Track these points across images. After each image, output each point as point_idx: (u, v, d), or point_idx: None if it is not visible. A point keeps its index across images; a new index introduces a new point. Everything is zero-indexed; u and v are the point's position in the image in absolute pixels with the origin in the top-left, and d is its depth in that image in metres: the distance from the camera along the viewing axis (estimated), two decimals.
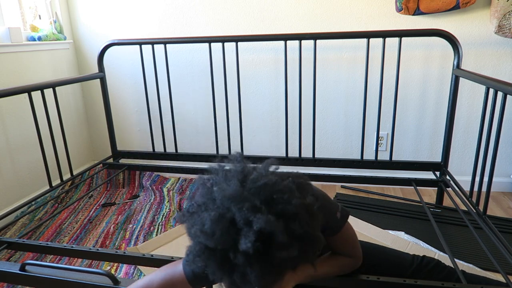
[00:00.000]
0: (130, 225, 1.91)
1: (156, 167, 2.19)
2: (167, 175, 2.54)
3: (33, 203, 2.02)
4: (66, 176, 2.17)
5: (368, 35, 1.79)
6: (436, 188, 2.00)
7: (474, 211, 1.50)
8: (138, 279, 1.46)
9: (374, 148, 1.99)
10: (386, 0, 2.02)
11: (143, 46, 2.14)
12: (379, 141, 2.25)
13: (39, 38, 2.16)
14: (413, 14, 1.95)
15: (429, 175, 1.98)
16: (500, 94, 1.32)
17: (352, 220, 1.36)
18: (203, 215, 0.65)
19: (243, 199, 0.63)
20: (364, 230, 1.68)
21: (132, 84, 2.46)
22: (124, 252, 1.26)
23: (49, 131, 1.80)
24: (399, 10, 1.96)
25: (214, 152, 2.43)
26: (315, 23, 2.12)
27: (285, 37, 1.87)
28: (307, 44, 2.07)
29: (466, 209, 1.65)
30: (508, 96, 1.42)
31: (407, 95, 2.15)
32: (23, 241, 1.35)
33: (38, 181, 2.19)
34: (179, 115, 2.45)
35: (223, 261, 0.64)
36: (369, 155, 2.21)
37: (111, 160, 2.28)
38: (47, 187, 1.85)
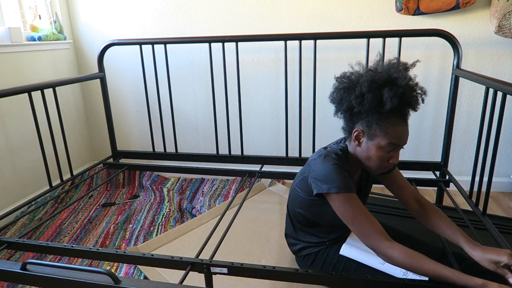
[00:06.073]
0: (130, 225, 1.91)
1: (156, 167, 2.20)
2: (167, 175, 2.54)
3: (33, 203, 2.02)
4: (66, 176, 2.17)
5: (368, 35, 1.79)
6: (436, 188, 2.00)
7: (477, 210, 1.50)
8: (138, 278, 1.46)
9: None
10: (386, 0, 2.02)
11: (143, 46, 2.14)
12: None
13: (39, 38, 2.16)
14: (413, 14, 1.95)
15: (429, 175, 1.98)
16: (500, 94, 1.32)
17: None
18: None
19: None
20: None
21: (132, 84, 2.46)
22: (124, 252, 1.26)
23: (49, 131, 1.80)
24: (399, 10, 1.96)
25: (214, 152, 2.43)
26: (315, 23, 2.13)
27: (285, 37, 1.87)
28: (307, 44, 2.07)
29: (466, 209, 1.65)
30: (508, 96, 1.42)
31: None
32: (23, 241, 1.35)
33: (38, 181, 2.19)
34: (179, 115, 2.45)
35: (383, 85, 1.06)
36: None
37: (111, 160, 2.28)
38: (47, 187, 1.85)
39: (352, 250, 1.22)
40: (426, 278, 1.05)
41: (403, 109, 1.08)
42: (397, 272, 1.12)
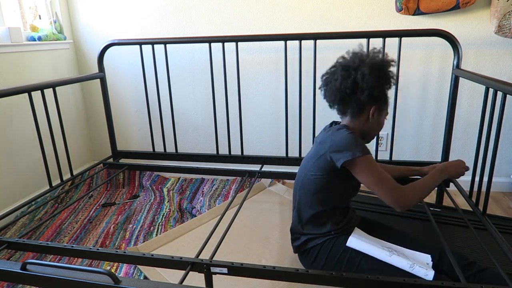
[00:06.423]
0: (130, 225, 1.91)
1: (156, 167, 2.20)
2: (167, 175, 2.54)
3: (33, 203, 2.02)
4: (66, 176, 2.17)
5: (368, 35, 1.79)
6: (436, 188, 2.00)
7: (477, 210, 1.50)
8: (138, 278, 1.46)
9: (374, 148, 2.00)
10: (386, 0, 2.02)
11: (143, 46, 2.14)
12: (379, 141, 2.25)
13: (39, 38, 2.16)
14: (413, 14, 1.95)
15: None
16: (499, 94, 1.32)
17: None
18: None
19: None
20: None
21: (132, 84, 2.46)
22: (124, 252, 1.26)
23: (49, 131, 1.80)
24: (399, 10, 1.96)
25: (214, 152, 2.44)
26: (315, 23, 2.13)
27: (285, 37, 1.87)
28: (307, 44, 2.07)
29: (466, 209, 1.65)
30: (508, 96, 1.41)
31: (407, 95, 2.15)
32: (23, 241, 1.35)
33: (38, 181, 2.19)
34: (179, 115, 2.46)
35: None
36: None
37: (111, 160, 2.28)
38: (47, 187, 1.85)
39: (359, 242, 1.24)
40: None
41: None
42: (404, 264, 1.14)
